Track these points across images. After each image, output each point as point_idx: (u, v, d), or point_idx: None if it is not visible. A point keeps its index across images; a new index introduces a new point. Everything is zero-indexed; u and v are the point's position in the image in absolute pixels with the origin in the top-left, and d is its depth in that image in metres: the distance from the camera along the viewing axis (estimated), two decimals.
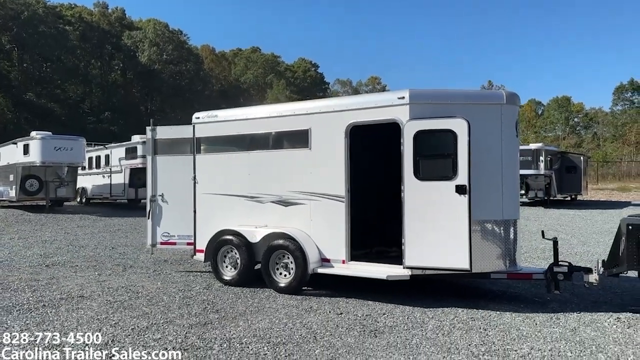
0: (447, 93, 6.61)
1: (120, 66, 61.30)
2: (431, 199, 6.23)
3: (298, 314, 5.99)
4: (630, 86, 70.77)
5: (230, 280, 7.42)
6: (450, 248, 6.14)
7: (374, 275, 6.55)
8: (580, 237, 13.40)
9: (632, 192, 34.55)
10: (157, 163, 8.52)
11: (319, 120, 7.09)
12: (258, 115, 7.65)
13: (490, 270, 6.41)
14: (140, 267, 9.01)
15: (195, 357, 4.62)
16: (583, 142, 65.96)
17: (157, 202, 8.50)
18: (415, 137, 6.28)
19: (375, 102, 6.73)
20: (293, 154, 7.33)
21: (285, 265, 7.02)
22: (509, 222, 6.51)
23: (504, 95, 6.57)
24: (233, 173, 7.78)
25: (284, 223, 7.27)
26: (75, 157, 19.59)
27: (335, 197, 6.92)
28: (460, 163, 6.08)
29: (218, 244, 7.55)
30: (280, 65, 79.46)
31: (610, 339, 5.20)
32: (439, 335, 5.25)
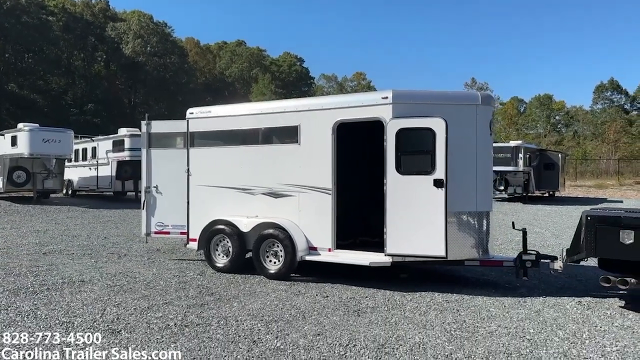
0: (427, 94, 7.13)
1: (103, 58, 60.89)
2: (411, 192, 6.74)
3: (287, 296, 6.48)
4: (610, 85, 72.38)
5: (222, 267, 7.88)
6: (428, 237, 6.67)
7: (357, 262, 7.06)
8: (553, 231, 14.08)
9: (608, 189, 35.50)
10: (152, 156, 8.91)
11: (308, 117, 7.55)
12: (250, 111, 8.10)
13: (464, 257, 6.96)
14: (134, 255, 9.40)
15: (195, 332, 5.08)
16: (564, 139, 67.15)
17: (151, 193, 8.89)
18: (397, 134, 6.78)
19: (360, 102, 7.23)
20: (283, 149, 7.79)
21: (275, 253, 7.50)
22: (482, 214, 7.06)
23: (479, 97, 7.12)
24: (225, 166, 8.22)
25: (274, 214, 7.73)
26: (63, 149, 19.77)
27: (323, 189, 7.40)
28: (438, 159, 6.60)
29: (211, 233, 8.00)
30: (266, 59, 79.53)
31: (570, 319, 5.77)
32: (416, 315, 5.79)
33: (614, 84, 72.67)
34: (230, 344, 4.78)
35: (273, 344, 4.80)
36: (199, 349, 4.65)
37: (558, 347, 4.88)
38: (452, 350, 4.75)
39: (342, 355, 4.58)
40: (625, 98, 73.53)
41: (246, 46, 79.04)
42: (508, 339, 5.08)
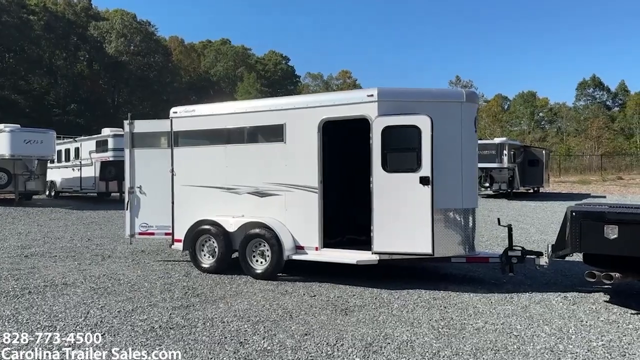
0: (412, 91, 7.12)
1: (86, 57, 60.10)
2: (397, 190, 6.73)
3: (274, 296, 6.43)
4: (592, 82, 73.38)
5: (208, 268, 7.80)
6: (414, 234, 6.66)
7: (344, 260, 7.03)
8: (538, 227, 14.20)
9: (591, 185, 35.91)
10: (135, 156, 8.79)
11: (293, 116, 7.50)
12: (235, 110, 8.02)
13: (451, 254, 6.97)
14: (118, 257, 9.27)
15: (181, 334, 5.01)
16: (547, 136, 67.86)
17: (135, 193, 8.77)
18: (383, 132, 6.76)
19: (346, 99, 7.20)
20: (269, 148, 7.73)
21: (261, 253, 7.44)
22: (468, 211, 7.08)
23: (464, 94, 7.13)
24: (210, 165, 8.13)
25: (260, 213, 7.67)
26: (45, 150, 19.47)
27: (309, 188, 7.36)
28: (424, 156, 6.60)
29: (196, 234, 7.91)
30: (251, 58, 79.25)
31: (556, 315, 5.81)
32: (403, 313, 5.78)
33: (596, 80, 73.71)
34: (216, 346, 4.72)
35: (260, 345, 4.74)
36: (184, 352, 4.59)
37: (545, 342, 4.90)
38: (439, 347, 4.74)
39: (329, 354, 4.55)
40: (607, 95, 74.59)
41: (231, 45, 78.69)
42: (495, 335, 5.09)
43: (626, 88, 73.22)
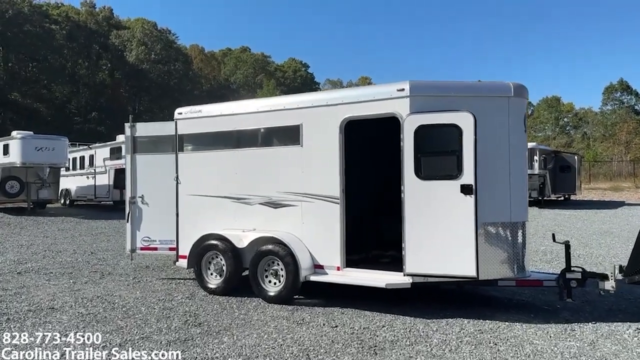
0: (451, 85, 6.10)
1: (108, 66, 60.28)
2: (434, 200, 5.71)
3: (289, 327, 5.44)
4: (619, 86, 70.99)
5: (215, 288, 6.85)
6: (455, 253, 5.63)
7: (371, 283, 6.01)
8: (580, 239, 12.97)
9: (624, 192, 34.42)
10: (137, 162, 7.93)
11: (311, 115, 6.55)
12: (245, 110, 7.08)
13: (497, 277, 5.90)
14: (119, 274, 8.41)
15: None
16: (573, 141, 66.12)
17: (137, 204, 7.90)
18: (416, 132, 5.76)
19: (372, 95, 6.20)
20: (283, 152, 6.78)
21: (274, 273, 6.47)
22: (517, 225, 6.00)
23: (512, 87, 6.06)
24: (218, 173, 7.22)
25: (274, 226, 6.72)
26: (58, 158, 18.90)
27: (329, 198, 6.39)
28: (465, 160, 5.58)
29: (202, 250, 6.98)
30: (270, 65, 78.90)
31: (635, 354, 4.71)
32: (445, 352, 4.73)
33: (624, 84, 71.29)
34: None
35: None
36: None
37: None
38: None
39: None
40: (635, 99, 72.12)
41: (251, 52, 78.49)
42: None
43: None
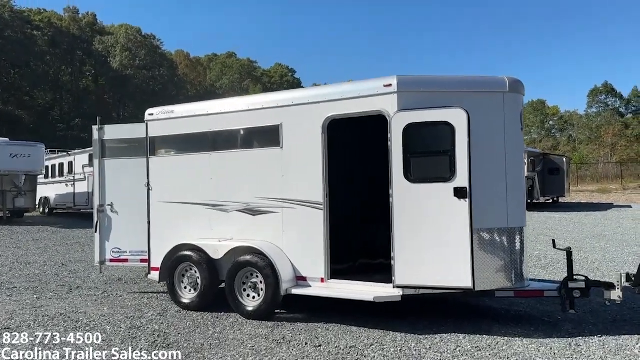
0: (442, 80, 5.65)
1: (92, 72, 59.34)
2: (425, 205, 5.24)
3: (267, 347, 4.92)
4: (604, 89, 71.60)
5: (189, 303, 6.30)
6: (449, 263, 5.15)
7: (358, 296, 5.50)
8: (573, 243, 12.57)
9: (612, 194, 34.48)
10: (106, 168, 7.39)
11: (291, 114, 6.06)
12: (221, 110, 6.57)
13: (495, 287, 5.44)
14: (88, 287, 7.82)
15: None
16: (559, 144, 66.47)
17: (105, 212, 7.35)
18: (405, 131, 5.29)
19: (357, 92, 5.72)
20: (262, 155, 6.28)
21: (253, 286, 5.95)
22: (514, 231, 5.55)
23: (507, 82, 5.62)
24: (193, 178, 6.69)
25: (252, 235, 6.21)
26: (34, 165, 18.25)
27: (312, 203, 5.90)
28: (459, 161, 5.11)
29: (175, 261, 6.44)
30: (257, 71, 78.38)
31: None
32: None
33: (608, 87, 71.97)
34: None
35: None
36: None
37: None
38: None
39: None
40: (619, 101, 72.75)
41: (237, 58, 77.89)
42: None
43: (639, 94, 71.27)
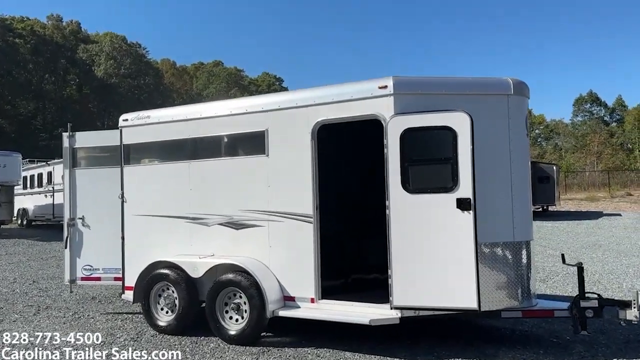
0: (442, 81, 5.22)
1: (76, 81, 58.40)
2: (425, 217, 4.77)
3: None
4: (589, 98, 72.35)
5: (166, 327, 5.74)
6: (451, 281, 4.68)
7: (352, 320, 4.99)
8: (569, 253, 12.21)
9: (600, 202, 34.46)
10: (77, 178, 6.85)
11: (278, 119, 5.58)
12: (201, 114, 6.06)
13: (501, 307, 4.97)
14: (58, 308, 7.21)
15: None
16: (545, 153, 66.83)
17: (76, 226, 6.80)
18: (402, 137, 4.83)
19: (349, 94, 5.25)
20: (246, 163, 5.78)
21: (236, 307, 5.41)
22: (521, 245, 5.11)
23: (511, 84, 5.20)
24: (170, 188, 6.16)
25: (236, 251, 5.69)
26: (9, 175, 17.58)
27: (301, 216, 5.40)
28: (461, 170, 4.66)
29: (151, 280, 5.88)
30: (244, 80, 77.91)
31: None
32: None
33: (593, 96, 72.77)
34: None
35: None
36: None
37: None
38: None
39: None
40: (604, 110, 73.55)
41: (224, 67, 77.34)
42: None
43: (624, 103, 72.21)
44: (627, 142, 64.98)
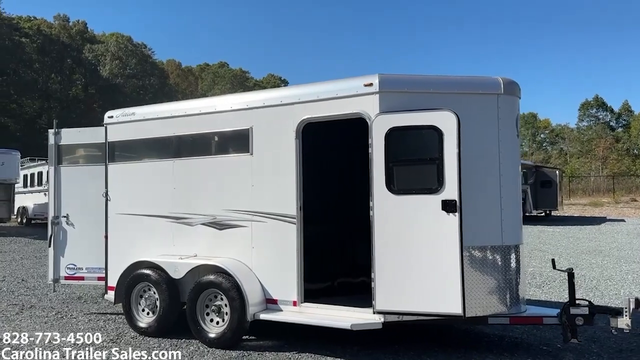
0: (429, 79, 5.06)
1: (81, 80, 58.62)
2: (410, 219, 4.63)
3: None
4: (595, 102, 71.86)
5: (146, 328, 5.61)
6: (436, 285, 4.53)
7: (333, 324, 4.84)
8: (568, 258, 12.02)
9: (604, 207, 34.15)
10: (62, 175, 6.74)
11: (262, 117, 5.45)
12: (186, 112, 5.94)
13: (488, 313, 4.81)
14: (43, 307, 7.11)
15: None
16: (550, 157, 66.43)
17: (60, 225, 6.69)
18: (387, 136, 4.69)
19: (334, 92, 5.11)
20: (230, 162, 5.65)
21: (217, 309, 5.28)
22: (509, 249, 4.94)
23: (501, 83, 5.05)
24: (154, 187, 6.04)
25: (218, 252, 5.56)
26: (8, 173, 17.54)
27: (284, 216, 5.27)
28: (447, 171, 4.51)
29: (132, 280, 5.76)
30: (249, 81, 77.90)
31: None
32: None
33: (599, 101, 72.27)
34: None
35: None
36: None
37: None
38: None
39: None
40: (610, 115, 73.04)
41: (229, 68, 77.44)
42: None
43: (630, 108, 71.59)
44: (633, 147, 64.43)
